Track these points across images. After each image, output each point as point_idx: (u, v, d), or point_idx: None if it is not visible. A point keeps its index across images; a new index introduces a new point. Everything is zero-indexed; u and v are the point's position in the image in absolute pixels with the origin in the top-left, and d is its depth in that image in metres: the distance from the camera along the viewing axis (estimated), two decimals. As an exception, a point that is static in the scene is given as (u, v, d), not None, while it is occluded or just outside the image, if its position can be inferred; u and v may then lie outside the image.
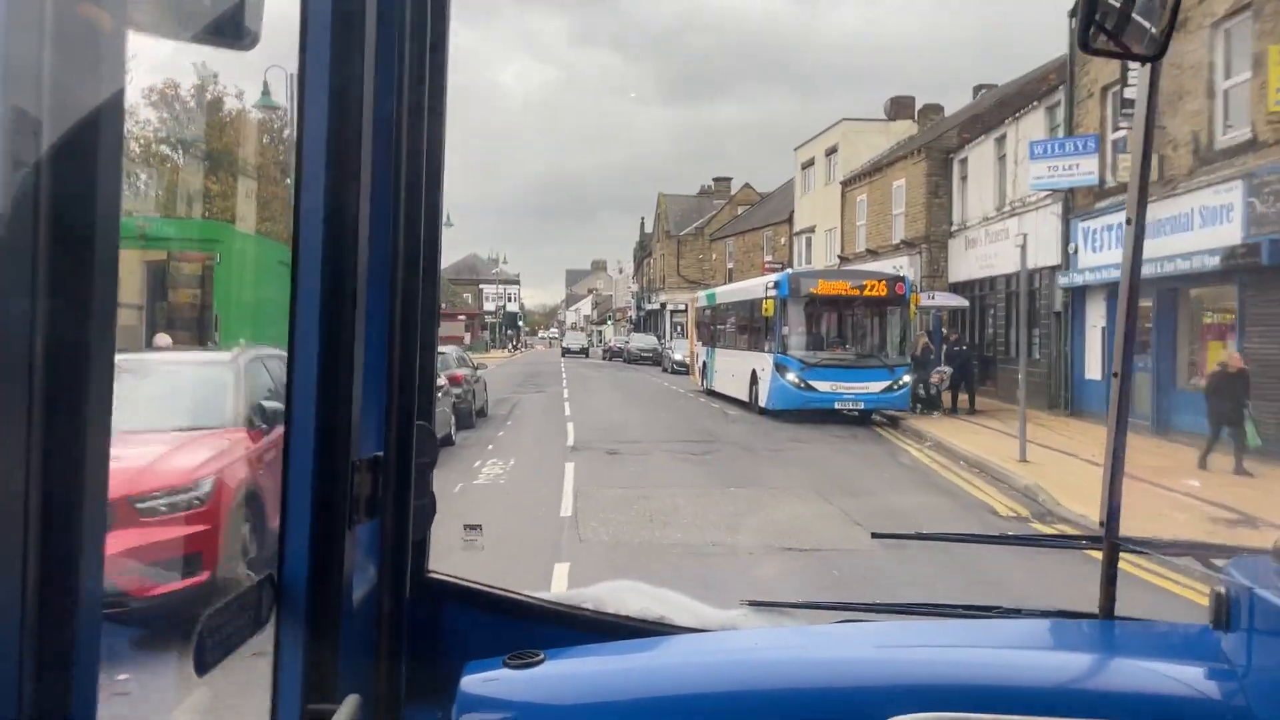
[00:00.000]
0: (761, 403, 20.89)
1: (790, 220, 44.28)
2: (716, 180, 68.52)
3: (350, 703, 1.23)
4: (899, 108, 38.28)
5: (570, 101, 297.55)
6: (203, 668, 1.11)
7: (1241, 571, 1.52)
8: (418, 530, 1.52)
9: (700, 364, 29.57)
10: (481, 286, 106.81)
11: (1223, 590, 1.48)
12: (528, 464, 14.42)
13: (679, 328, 63.62)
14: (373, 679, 1.39)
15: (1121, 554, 1.81)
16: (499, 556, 7.21)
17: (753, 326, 22.92)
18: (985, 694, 1.42)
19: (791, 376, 19.65)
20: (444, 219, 1.68)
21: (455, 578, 1.73)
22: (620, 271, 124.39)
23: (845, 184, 36.89)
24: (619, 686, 1.53)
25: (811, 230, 40.77)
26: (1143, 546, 2.03)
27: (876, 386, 19.38)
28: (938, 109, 37.03)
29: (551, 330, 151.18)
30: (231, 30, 1.04)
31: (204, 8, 1.06)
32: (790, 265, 37.35)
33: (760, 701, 1.48)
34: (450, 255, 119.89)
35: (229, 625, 1.15)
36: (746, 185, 62.63)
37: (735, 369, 23.95)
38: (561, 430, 18.46)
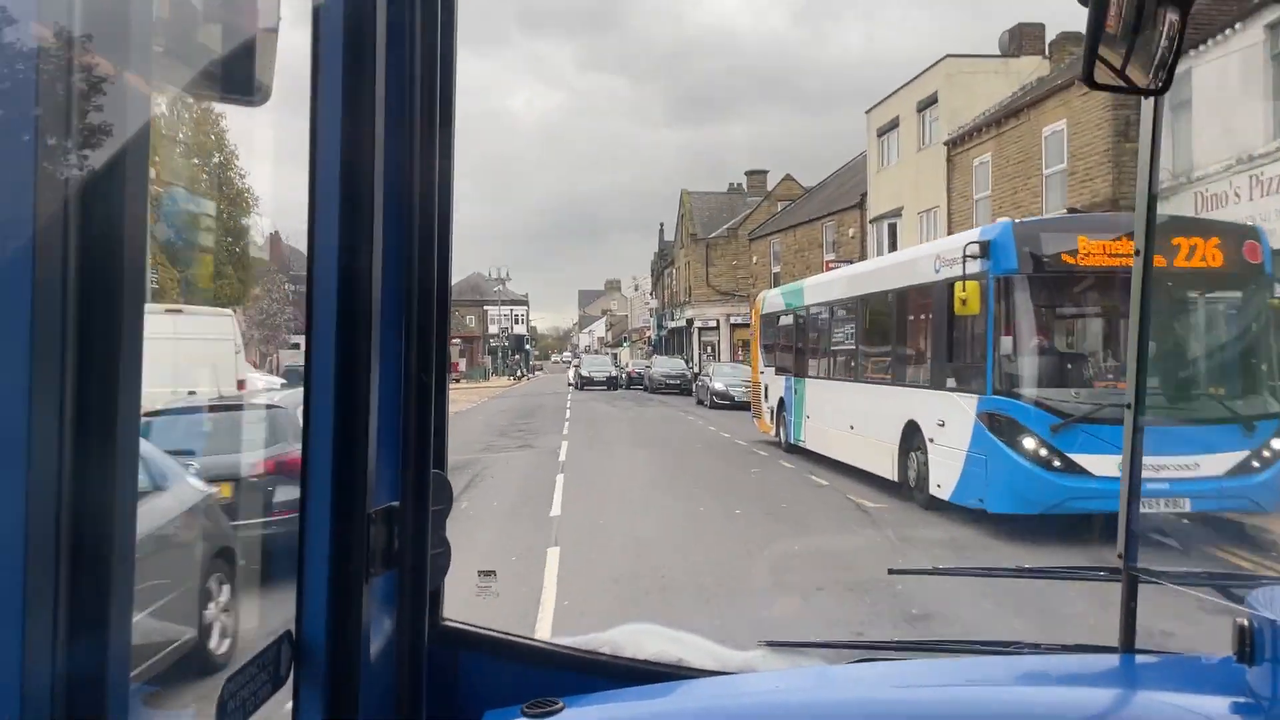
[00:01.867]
0: (943, 492, 10.50)
1: (862, 205, 33.94)
2: (750, 174, 58.22)
3: None
4: (1025, 39, 27.91)
5: (579, 125, 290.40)
6: None
7: (1264, 603, 1.50)
8: (433, 580, 1.52)
9: (771, 403, 18.95)
10: (486, 308, 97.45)
11: (1246, 623, 1.44)
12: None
13: (709, 349, 53.09)
14: None
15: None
16: None
17: (905, 339, 12.63)
18: None
19: (1032, 445, 9.24)
20: (452, 263, 1.63)
21: (471, 625, 1.72)
22: (636, 289, 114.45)
23: (953, 144, 26.52)
24: None
25: (897, 214, 30.36)
26: (1161, 577, 1.95)
27: (1222, 462, 8.89)
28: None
29: (565, 354, 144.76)
30: (243, 86, 1.10)
31: (216, 63, 1.09)
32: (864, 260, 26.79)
33: None
34: (455, 265, 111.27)
35: (249, 687, 1.15)
36: (787, 177, 52.37)
37: (861, 418, 13.56)
38: (535, 567, 8.11)
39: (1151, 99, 1.75)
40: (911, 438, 11.37)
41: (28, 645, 0.71)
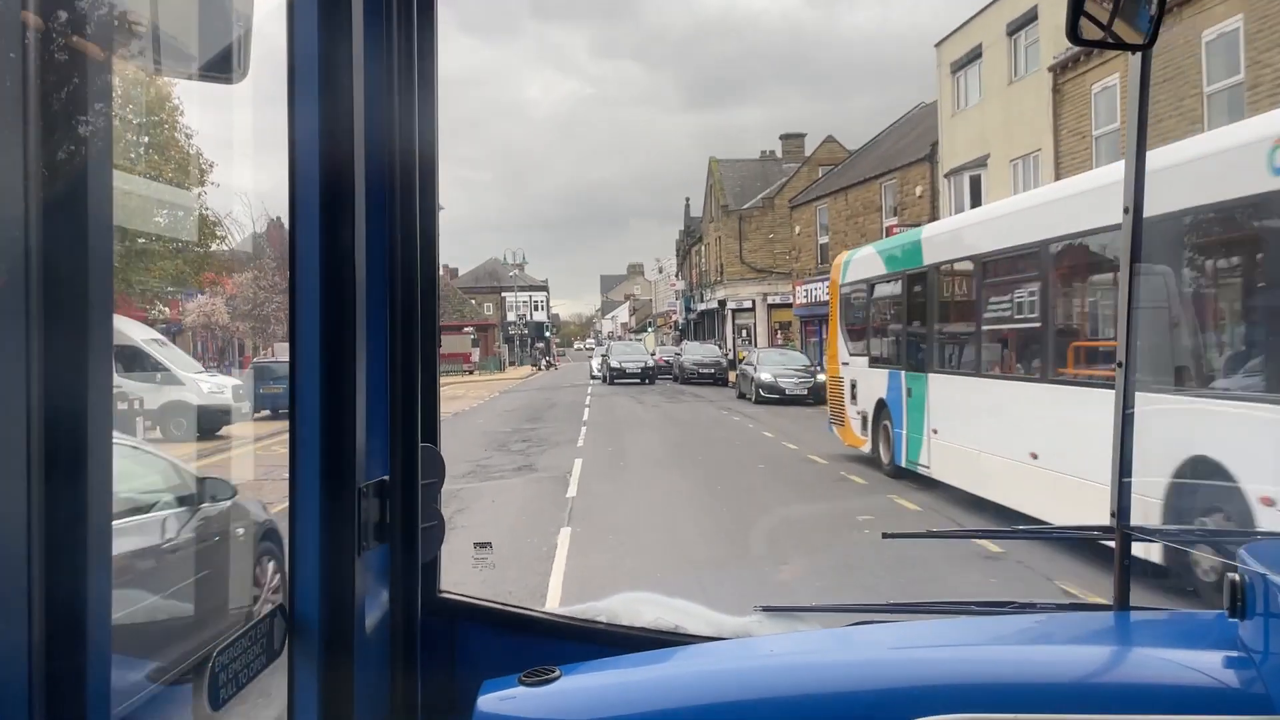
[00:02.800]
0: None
1: (931, 157, 28.48)
2: (786, 138, 52.64)
3: None
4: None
5: (595, 113, 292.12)
6: (217, 703, 1.10)
7: (1256, 557, 1.51)
8: (428, 551, 1.53)
9: (863, 407, 13.59)
10: (503, 294, 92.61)
11: (1237, 577, 1.46)
12: None
13: (743, 332, 47.71)
14: (389, 703, 1.43)
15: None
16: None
17: (1192, 305, 6.87)
18: (1004, 692, 1.42)
19: None
20: (438, 240, 1.64)
21: (468, 597, 1.72)
22: (660, 271, 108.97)
23: (1062, 69, 21.04)
24: (636, 699, 1.51)
25: (980, 164, 24.91)
26: (1155, 535, 2.10)
27: None
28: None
29: (588, 341, 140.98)
30: (221, 65, 1.12)
31: (194, 44, 1.11)
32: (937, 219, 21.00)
33: (778, 708, 1.46)
34: (470, 262, 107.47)
35: (241, 659, 1.15)
36: (830, 139, 46.80)
37: (1057, 441, 8.18)
38: None
39: (1138, 54, 1.75)
40: (1213, 495, 6.03)
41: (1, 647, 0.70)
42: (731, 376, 37.24)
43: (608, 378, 39.04)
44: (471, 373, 58.31)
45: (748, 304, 47.42)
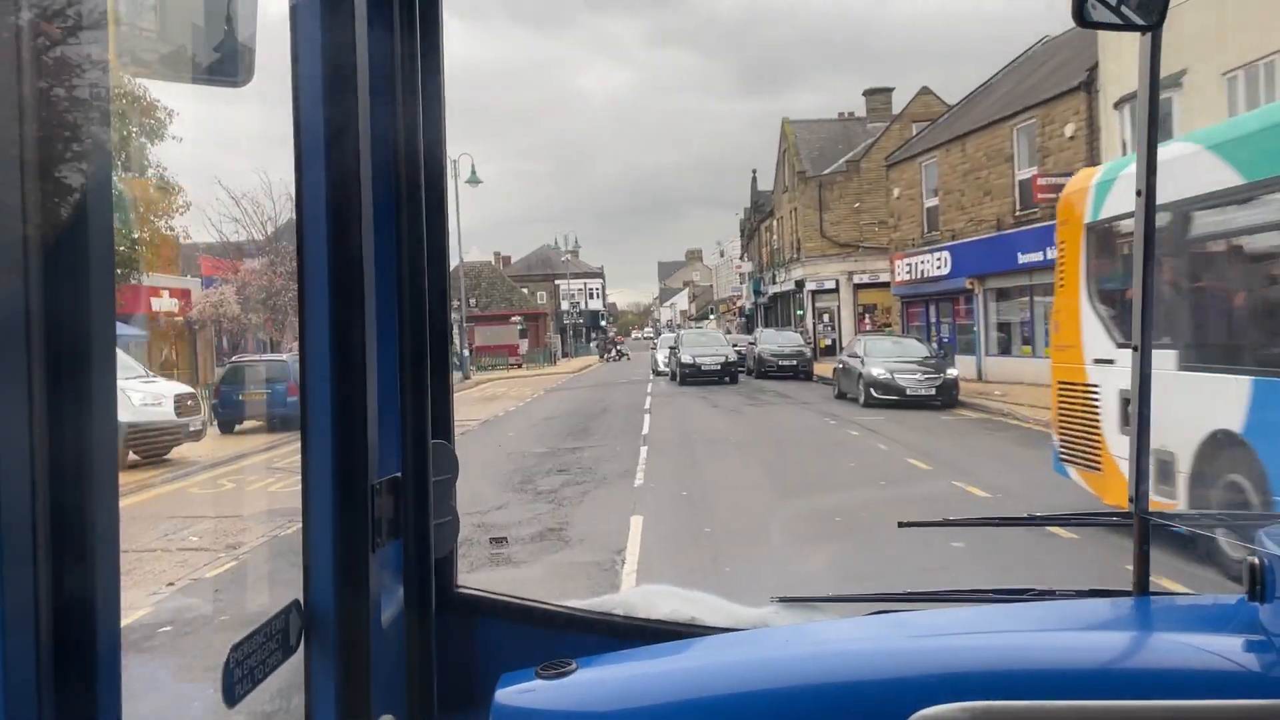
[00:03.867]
0: None
1: (1089, 86, 21.96)
2: (870, 94, 45.96)
3: None
4: None
5: (649, 101, 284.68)
6: (233, 699, 1.11)
7: (1276, 541, 1.50)
8: (442, 547, 1.54)
9: (1171, 444, 6.72)
10: (556, 282, 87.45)
11: (1257, 561, 1.45)
12: None
13: (825, 317, 41.38)
14: (405, 698, 1.43)
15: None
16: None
17: None
18: (1023, 679, 1.41)
19: None
20: (450, 232, 1.66)
21: (485, 591, 1.73)
22: (721, 254, 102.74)
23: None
24: (652, 690, 1.51)
25: (1174, 82, 18.34)
26: (1173, 520, 2.01)
27: None
28: None
29: (646, 330, 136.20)
30: (227, 68, 1.12)
31: (199, 48, 1.10)
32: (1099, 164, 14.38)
33: (796, 697, 1.46)
34: (522, 249, 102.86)
35: (256, 655, 1.16)
36: (925, 91, 40.19)
37: None
38: None
39: (1148, 35, 1.72)
40: None
41: (9, 643, 0.71)
42: (818, 369, 31.05)
43: (677, 375, 31.02)
44: (519, 366, 52.91)
45: (829, 284, 41.08)
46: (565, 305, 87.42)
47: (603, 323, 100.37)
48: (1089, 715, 1.31)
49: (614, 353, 64.09)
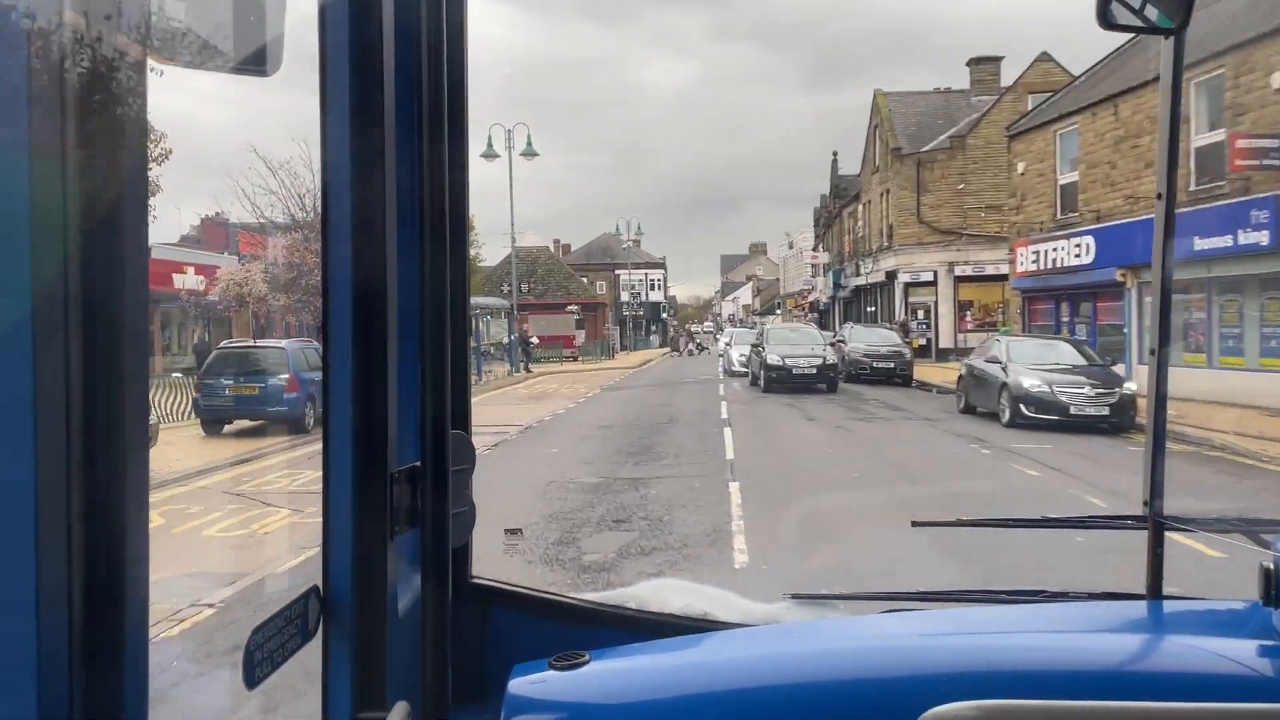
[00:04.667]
0: None
1: (1312, 19, 16.94)
2: (976, 63, 40.71)
3: (399, 709, 1.27)
4: None
5: (712, 95, 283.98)
6: (253, 681, 1.13)
7: None
8: (459, 537, 1.54)
9: None
10: (616, 272, 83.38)
11: (1271, 566, 1.45)
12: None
13: (919, 313, 36.48)
14: (420, 685, 1.44)
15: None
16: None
17: None
18: (1034, 679, 1.40)
19: None
20: (469, 226, 1.85)
21: (499, 582, 1.74)
22: (790, 246, 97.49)
23: None
24: (664, 684, 1.52)
25: None
26: (1188, 524, 1.98)
27: None
28: None
29: (706, 324, 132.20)
30: (254, 58, 1.12)
31: (227, 37, 1.12)
32: None
33: (806, 693, 1.46)
34: (583, 236, 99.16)
35: (277, 639, 1.18)
36: (1044, 57, 34.98)
37: None
38: None
39: (1171, 37, 1.74)
40: None
41: (42, 644, 0.72)
42: (924, 373, 26.29)
43: (760, 379, 24.75)
44: (575, 359, 48.82)
45: (926, 276, 36.15)
46: (625, 296, 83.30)
47: (664, 315, 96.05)
48: (1100, 716, 1.32)
49: (692, 346, 59.07)
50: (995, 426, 16.09)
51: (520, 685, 1.51)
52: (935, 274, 35.92)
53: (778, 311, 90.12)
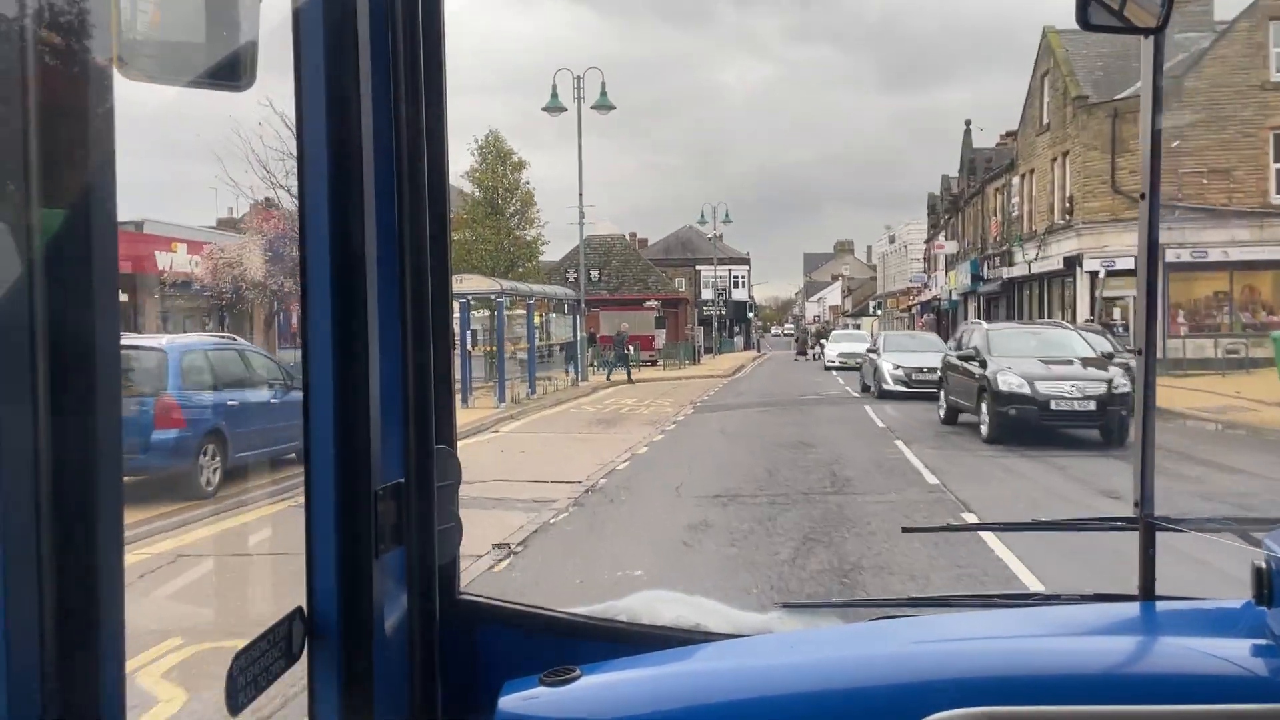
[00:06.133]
0: None
1: None
2: (1180, -10, 31.65)
3: None
4: None
5: (789, 96, 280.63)
6: (236, 707, 1.12)
7: None
8: (445, 553, 1.54)
9: None
10: (698, 268, 75.46)
11: (1264, 564, 1.41)
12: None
13: (1116, 313, 27.83)
14: (409, 706, 1.43)
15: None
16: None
17: None
18: (1028, 684, 1.39)
19: None
20: (451, 234, 1.64)
21: (488, 598, 1.74)
22: (892, 240, 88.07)
23: None
24: (658, 696, 1.49)
25: None
26: (1179, 524, 1.91)
27: None
28: None
29: (786, 325, 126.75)
30: (228, 72, 1.13)
31: (200, 52, 1.12)
32: None
33: (801, 702, 1.44)
34: (661, 230, 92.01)
35: (260, 662, 1.16)
36: (1294, -32, 25.97)
37: None
38: None
39: (1150, 38, 1.75)
40: None
41: (11, 645, 0.71)
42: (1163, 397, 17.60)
43: (985, 418, 14.34)
44: (654, 362, 41.06)
45: (1125, 263, 27.30)
46: (708, 294, 75.29)
47: (750, 314, 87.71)
48: None
49: (819, 348, 50.03)
50: None
51: (511, 703, 1.48)
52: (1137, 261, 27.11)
53: (878, 313, 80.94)
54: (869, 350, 25.56)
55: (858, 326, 64.47)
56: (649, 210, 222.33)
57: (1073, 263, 28.79)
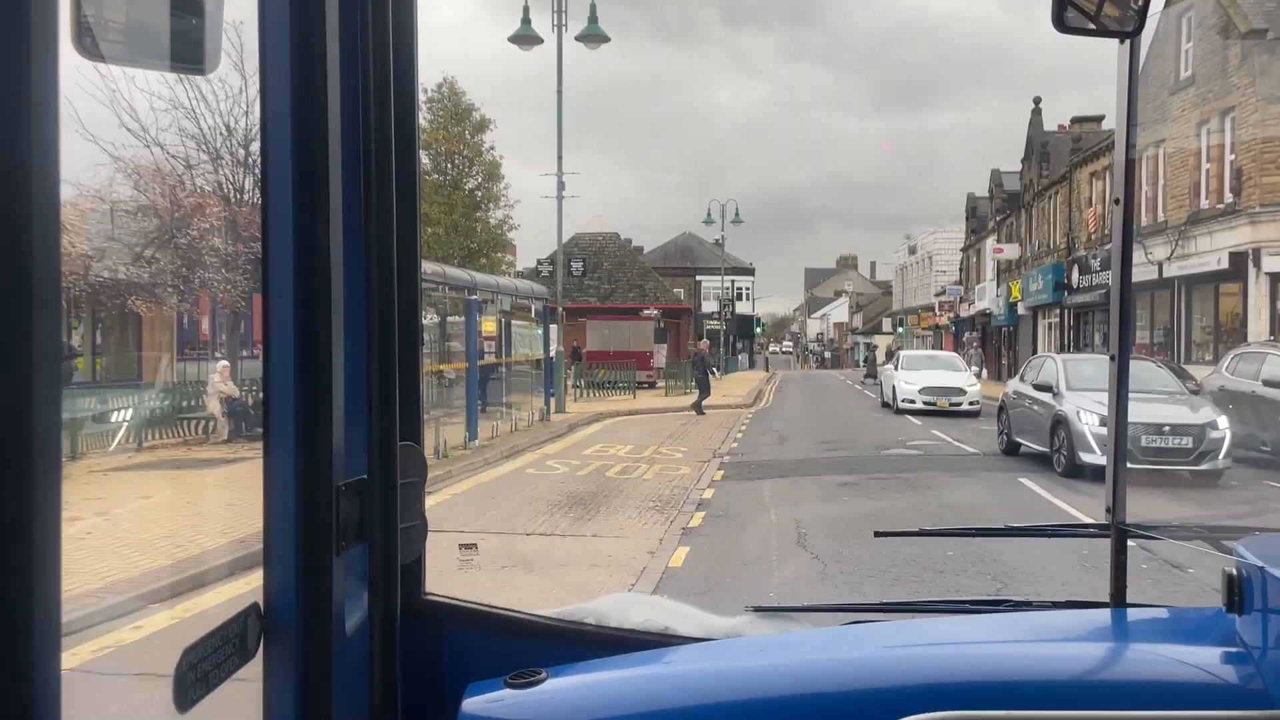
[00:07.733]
0: None
1: None
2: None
3: None
4: None
5: (783, 117, 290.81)
6: (185, 703, 1.09)
7: (1253, 551, 1.47)
8: (410, 552, 1.50)
9: None
10: (699, 278, 67.22)
11: (1234, 572, 1.43)
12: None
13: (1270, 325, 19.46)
14: (368, 707, 1.40)
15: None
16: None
17: None
18: (998, 690, 1.39)
19: None
20: (420, 232, 1.59)
21: (453, 599, 1.69)
22: (912, 251, 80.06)
23: None
24: (624, 699, 1.47)
25: None
26: (1150, 532, 1.97)
27: None
28: None
29: (784, 343, 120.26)
30: (192, 55, 1.11)
31: (164, 35, 1.09)
32: None
33: (769, 707, 1.43)
34: (657, 237, 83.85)
35: (211, 659, 1.13)
36: None
37: None
38: None
39: (1126, 42, 1.76)
40: None
41: None
42: None
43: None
44: (651, 384, 32.78)
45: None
46: (711, 306, 67.03)
47: (756, 331, 79.49)
48: None
49: (874, 375, 41.17)
50: None
51: (475, 705, 1.46)
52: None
53: (899, 330, 72.77)
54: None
55: (925, 347, 54.51)
56: (647, 227, 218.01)
57: (1242, 260, 20.67)
